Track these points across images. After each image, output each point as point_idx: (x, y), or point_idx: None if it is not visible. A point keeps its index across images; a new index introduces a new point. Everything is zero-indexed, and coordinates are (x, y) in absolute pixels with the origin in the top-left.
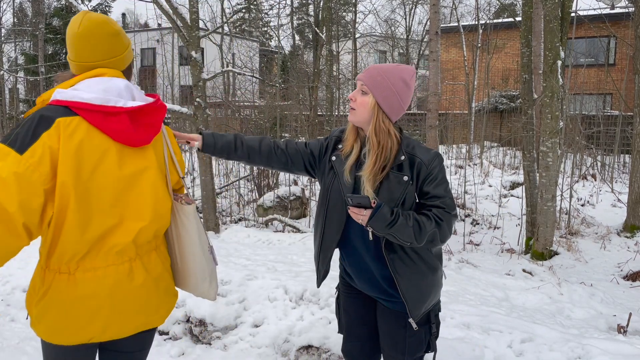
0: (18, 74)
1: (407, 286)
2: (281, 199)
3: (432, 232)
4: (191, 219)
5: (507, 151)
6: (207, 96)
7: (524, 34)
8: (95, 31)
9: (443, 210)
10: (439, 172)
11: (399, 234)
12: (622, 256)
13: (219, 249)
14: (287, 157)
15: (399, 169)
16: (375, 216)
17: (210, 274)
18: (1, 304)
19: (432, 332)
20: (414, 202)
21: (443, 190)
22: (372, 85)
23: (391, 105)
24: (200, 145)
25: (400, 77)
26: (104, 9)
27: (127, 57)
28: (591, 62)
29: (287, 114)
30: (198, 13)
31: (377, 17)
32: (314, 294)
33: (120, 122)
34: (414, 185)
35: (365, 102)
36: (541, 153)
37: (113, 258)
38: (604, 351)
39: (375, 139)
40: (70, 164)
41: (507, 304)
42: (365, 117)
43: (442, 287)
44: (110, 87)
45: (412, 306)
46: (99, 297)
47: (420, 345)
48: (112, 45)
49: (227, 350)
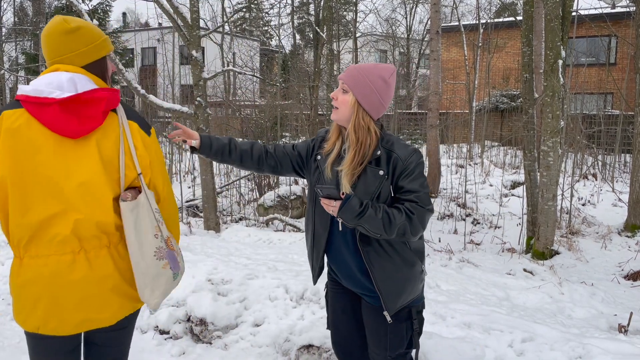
0: (19, 73)
1: (381, 278)
2: (282, 199)
3: (401, 225)
4: (127, 216)
5: (508, 150)
6: (207, 95)
7: (525, 33)
8: (52, 31)
9: (416, 204)
10: (416, 167)
11: (368, 225)
12: (623, 256)
13: (219, 248)
14: (275, 161)
15: (376, 164)
16: (344, 207)
17: (152, 281)
18: (2, 303)
19: (414, 329)
20: (389, 196)
21: (418, 185)
22: (352, 84)
23: (371, 103)
24: (197, 145)
25: (379, 76)
26: (104, 8)
27: (90, 53)
28: (592, 61)
29: (288, 113)
30: (199, 12)
31: (377, 16)
32: (315, 293)
33: (52, 112)
34: (389, 179)
35: (346, 100)
36: (542, 152)
37: (55, 248)
38: (605, 351)
39: (354, 136)
40: (5, 153)
41: (508, 303)
42: (346, 115)
43: (422, 283)
44: (52, 80)
45: (386, 299)
46: (39, 285)
47: (402, 341)
48: (67, 42)
49: (228, 350)
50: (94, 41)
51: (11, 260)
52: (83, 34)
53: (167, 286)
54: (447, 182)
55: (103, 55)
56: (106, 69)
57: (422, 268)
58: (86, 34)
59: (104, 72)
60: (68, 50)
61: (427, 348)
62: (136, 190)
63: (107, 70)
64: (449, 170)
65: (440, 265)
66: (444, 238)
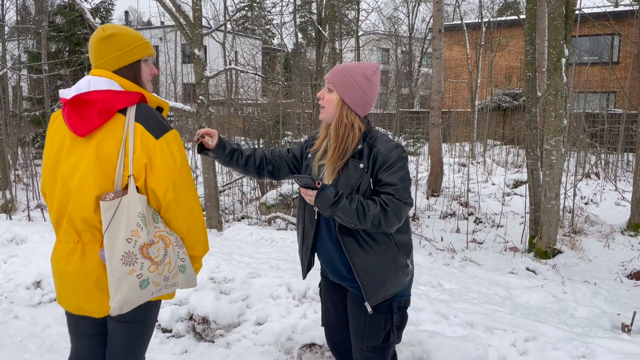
0: (21, 72)
1: (362, 268)
2: (284, 197)
3: (375, 216)
4: (103, 215)
5: (510, 149)
6: (209, 94)
7: (528, 32)
8: (92, 38)
9: (392, 197)
10: (396, 161)
11: (343, 214)
12: (626, 255)
13: (222, 246)
14: (273, 166)
15: (358, 157)
16: (319, 196)
17: (115, 283)
18: (5, 301)
19: (394, 322)
20: (368, 188)
21: (397, 179)
22: (336, 82)
23: (354, 100)
24: (214, 144)
25: (362, 74)
26: (106, 7)
27: (121, 57)
28: (595, 60)
29: (290, 112)
30: (201, 11)
31: (380, 15)
32: (317, 292)
33: (66, 111)
34: (369, 172)
35: (331, 99)
36: (545, 151)
37: (65, 236)
38: (608, 350)
39: (334, 132)
40: (46, 149)
41: (511, 302)
42: (331, 114)
43: (407, 277)
44: (79, 82)
45: (367, 289)
46: (53, 266)
47: (378, 332)
48: (101, 48)
49: (230, 348)
50: (125, 47)
51: (13, 259)
52: (115, 40)
53: (130, 294)
54: (449, 181)
55: (136, 60)
56: (139, 73)
57: (407, 262)
58: (119, 41)
59: (137, 75)
60: (102, 56)
61: (430, 347)
62: (124, 192)
63: (140, 73)
64: (451, 169)
65: (443, 264)
66: (446, 237)
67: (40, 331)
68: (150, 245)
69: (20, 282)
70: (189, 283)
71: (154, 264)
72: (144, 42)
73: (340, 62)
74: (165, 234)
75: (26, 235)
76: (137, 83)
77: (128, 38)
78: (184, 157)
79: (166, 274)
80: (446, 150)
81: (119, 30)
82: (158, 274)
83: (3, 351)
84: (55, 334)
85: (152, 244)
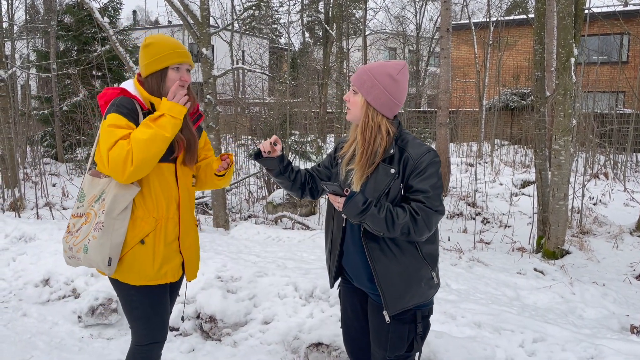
0: (30, 71)
1: (383, 276)
2: (291, 196)
3: (404, 224)
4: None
5: (518, 149)
6: (217, 93)
7: (537, 31)
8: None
9: (423, 205)
10: (427, 167)
11: (371, 222)
12: (634, 256)
13: (228, 245)
14: (312, 185)
15: (389, 162)
16: (348, 204)
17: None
18: (13, 299)
19: (417, 332)
20: (398, 194)
21: (428, 186)
22: (360, 84)
23: (380, 101)
24: (280, 152)
25: (386, 73)
26: (115, 6)
27: (151, 65)
28: (604, 59)
29: (297, 111)
30: (209, 10)
31: (387, 14)
32: (324, 291)
33: None
34: (399, 178)
35: (356, 101)
36: (553, 151)
37: None
38: (617, 351)
39: (361, 135)
40: None
41: (519, 303)
42: (358, 115)
43: (432, 290)
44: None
45: (387, 298)
46: None
47: (402, 342)
48: (140, 56)
49: (237, 347)
50: (155, 55)
51: (22, 257)
52: (150, 49)
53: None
54: (456, 181)
55: (163, 67)
56: (162, 80)
57: (432, 275)
58: (152, 49)
59: (158, 83)
60: (140, 63)
61: (437, 347)
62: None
63: (163, 80)
64: (458, 168)
65: (450, 264)
66: (453, 237)
67: (48, 329)
68: (74, 217)
69: (28, 279)
70: (90, 264)
71: (69, 232)
72: (173, 52)
73: (347, 62)
74: (92, 214)
75: (35, 233)
76: (158, 89)
77: (159, 48)
78: (110, 134)
79: (71, 245)
80: (453, 150)
81: (155, 40)
82: (66, 242)
83: (12, 348)
84: (64, 332)
85: (77, 216)
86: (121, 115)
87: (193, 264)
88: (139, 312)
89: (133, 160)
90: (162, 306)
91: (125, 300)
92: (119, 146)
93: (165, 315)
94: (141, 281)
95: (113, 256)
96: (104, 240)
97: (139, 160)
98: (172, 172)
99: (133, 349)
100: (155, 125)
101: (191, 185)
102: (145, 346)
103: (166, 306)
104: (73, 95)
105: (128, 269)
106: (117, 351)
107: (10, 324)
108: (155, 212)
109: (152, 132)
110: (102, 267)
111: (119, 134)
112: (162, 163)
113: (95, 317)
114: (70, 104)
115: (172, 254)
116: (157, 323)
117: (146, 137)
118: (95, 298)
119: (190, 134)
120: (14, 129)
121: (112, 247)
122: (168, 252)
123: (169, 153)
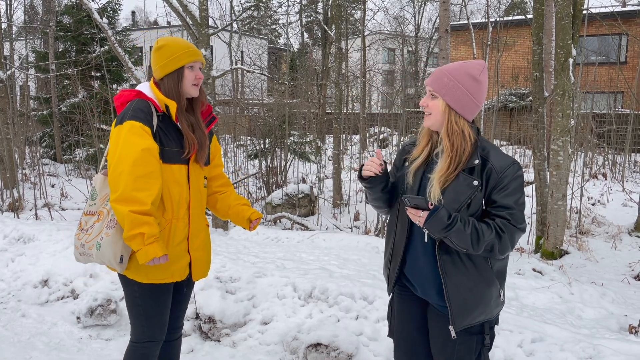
0: (29, 72)
1: (453, 291)
2: (289, 197)
3: (490, 242)
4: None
5: (517, 150)
6: (216, 94)
7: (535, 32)
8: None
9: (507, 222)
10: (512, 181)
11: (455, 239)
12: (633, 256)
13: (227, 246)
14: (392, 194)
15: (470, 172)
16: (431, 218)
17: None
18: (12, 299)
19: (485, 344)
20: (480, 208)
21: (513, 202)
22: (440, 88)
23: (462, 104)
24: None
25: (468, 74)
26: (113, 7)
27: (165, 66)
28: (603, 59)
29: (296, 111)
30: (207, 10)
31: (386, 15)
32: (323, 291)
33: None
34: (482, 191)
35: (436, 105)
36: (552, 151)
37: None
38: (615, 352)
39: (449, 141)
40: None
41: (517, 303)
42: (439, 120)
43: (499, 306)
44: None
45: (455, 313)
46: None
47: (470, 354)
48: (153, 59)
49: (236, 347)
50: (170, 56)
51: (21, 258)
52: (163, 51)
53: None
54: None
55: (178, 67)
56: (179, 80)
57: (500, 292)
58: (166, 51)
59: (176, 83)
60: (153, 65)
61: None
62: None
63: (179, 80)
64: None
65: None
66: None
67: (47, 329)
68: (86, 215)
69: (27, 280)
70: (102, 261)
71: (81, 230)
72: (187, 51)
73: (346, 62)
74: (105, 212)
75: (34, 234)
76: (176, 89)
77: (173, 48)
78: (129, 145)
79: (83, 242)
80: None
81: (167, 42)
82: (78, 239)
83: (10, 349)
84: (62, 332)
85: (89, 214)
86: (136, 120)
87: (201, 264)
88: (140, 309)
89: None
90: (163, 305)
91: (129, 296)
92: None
93: (165, 314)
94: (149, 279)
95: (125, 254)
96: (117, 238)
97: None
98: (183, 174)
99: (131, 346)
100: (131, 237)
101: (203, 186)
102: (143, 343)
103: (167, 306)
104: (72, 96)
105: (138, 267)
106: (116, 352)
107: (9, 325)
108: (165, 213)
109: (126, 234)
110: (114, 264)
111: (139, 144)
112: (174, 164)
113: (94, 318)
114: (69, 104)
115: (180, 254)
116: (156, 321)
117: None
118: (94, 299)
119: (202, 134)
120: (12, 129)
121: (124, 244)
122: (176, 252)
123: (180, 154)
